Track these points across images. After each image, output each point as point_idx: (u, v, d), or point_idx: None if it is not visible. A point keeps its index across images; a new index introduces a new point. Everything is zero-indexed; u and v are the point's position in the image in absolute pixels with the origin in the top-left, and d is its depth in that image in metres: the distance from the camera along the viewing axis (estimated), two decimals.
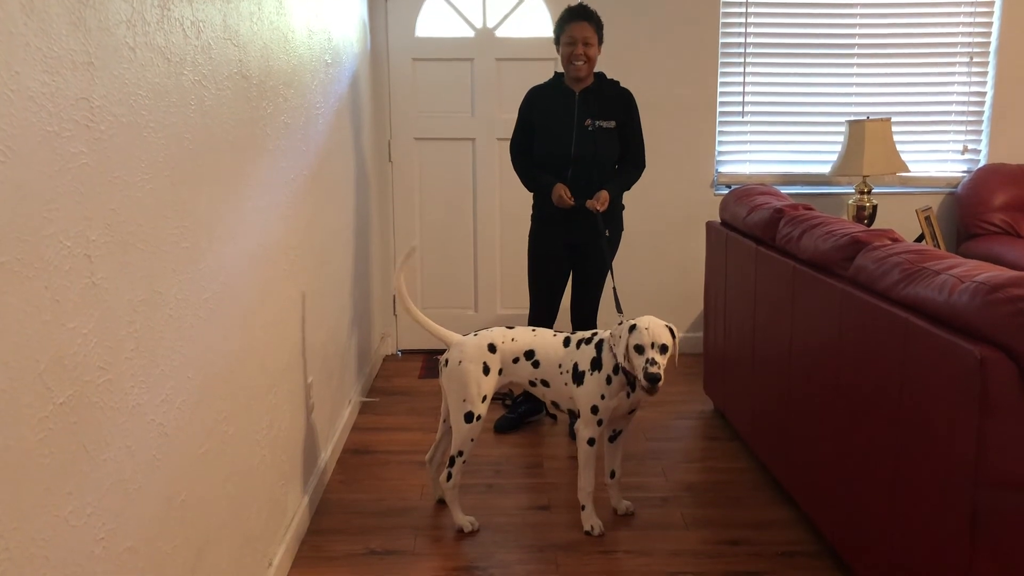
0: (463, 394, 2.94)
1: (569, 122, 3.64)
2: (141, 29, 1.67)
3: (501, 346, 2.99)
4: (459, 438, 2.96)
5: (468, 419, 2.93)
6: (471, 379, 2.94)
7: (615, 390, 2.89)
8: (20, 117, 1.27)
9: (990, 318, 1.96)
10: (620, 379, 2.87)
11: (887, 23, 4.99)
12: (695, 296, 4.94)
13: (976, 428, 1.93)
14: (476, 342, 2.99)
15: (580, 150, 3.62)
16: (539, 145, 3.69)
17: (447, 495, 3.00)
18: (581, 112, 3.63)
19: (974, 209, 4.89)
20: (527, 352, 3.01)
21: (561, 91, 3.69)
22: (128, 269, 1.62)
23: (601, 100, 3.66)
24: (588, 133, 3.62)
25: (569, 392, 2.97)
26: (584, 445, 2.94)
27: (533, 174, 3.74)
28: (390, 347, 5.17)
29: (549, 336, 3.06)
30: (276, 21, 2.70)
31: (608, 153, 3.68)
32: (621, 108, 3.69)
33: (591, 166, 3.64)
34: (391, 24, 4.86)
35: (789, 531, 2.98)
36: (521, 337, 3.04)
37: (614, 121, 3.66)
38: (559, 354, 2.99)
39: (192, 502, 1.96)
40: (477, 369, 2.94)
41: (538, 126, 3.70)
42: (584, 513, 2.98)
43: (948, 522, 2.05)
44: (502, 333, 3.04)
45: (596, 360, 2.91)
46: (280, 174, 2.73)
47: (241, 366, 2.32)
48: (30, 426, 1.30)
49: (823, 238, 2.83)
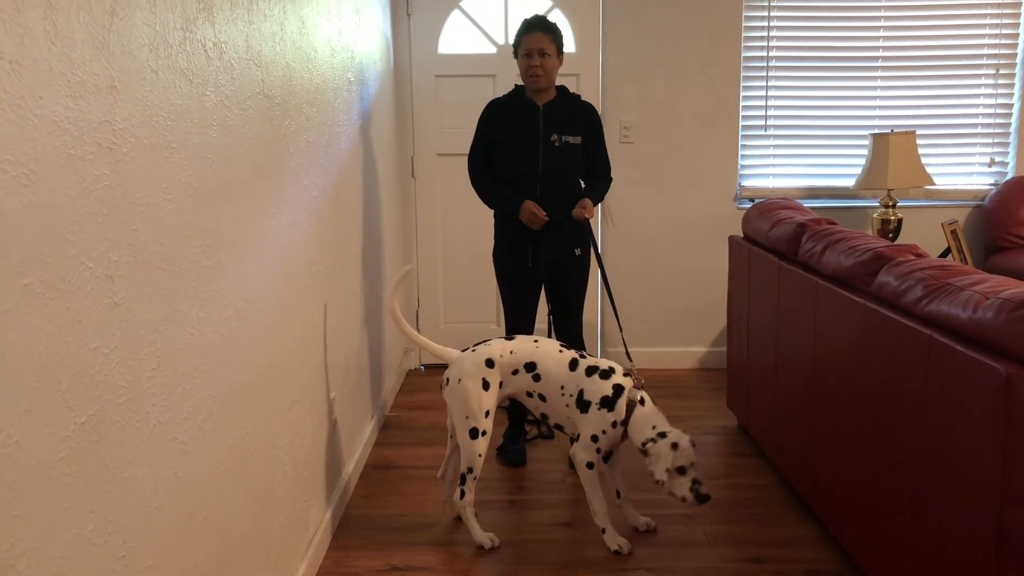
0: (465, 411, 2.95)
1: (535, 138, 3.50)
2: (164, 52, 1.70)
3: (499, 360, 2.99)
4: (467, 455, 2.97)
5: (473, 435, 2.94)
6: (471, 396, 2.94)
7: (616, 433, 2.92)
8: (44, 141, 1.29)
9: (1016, 335, 1.94)
10: (619, 432, 2.92)
11: (911, 35, 4.96)
12: (718, 311, 4.92)
13: (1002, 445, 1.91)
14: (473, 358, 2.98)
15: (547, 166, 3.49)
16: (504, 162, 3.55)
17: (462, 513, 3.00)
18: (547, 127, 3.51)
19: (1001, 222, 4.84)
20: (528, 364, 3.00)
21: (524, 104, 3.55)
22: (150, 288, 1.64)
23: (565, 115, 3.54)
24: (555, 149, 3.50)
25: (568, 413, 2.97)
26: (584, 469, 2.94)
27: (496, 192, 3.58)
28: (413, 362, 5.18)
29: (554, 351, 3.03)
30: (298, 41, 2.73)
31: (575, 169, 3.56)
32: (585, 123, 3.57)
33: (559, 183, 3.51)
34: (414, 41, 4.90)
35: (813, 549, 2.95)
36: (521, 349, 3.03)
37: (580, 136, 3.54)
38: (563, 375, 2.97)
39: (213, 519, 1.97)
40: (476, 386, 2.95)
41: (501, 142, 3.55)
42: (606, 536, 2.94)
43: (974, 540, 2.02)
44: (500, 346, 3.03)
45: (608, 400, 2.90)
46: (302, 192, 2.76)
47: (263, 383, 2.34)
48: (52, 445, 1.32)
49: (846, 253, 2.81)
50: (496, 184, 3.59)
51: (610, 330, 5.13)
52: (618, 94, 4.93)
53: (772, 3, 4.92)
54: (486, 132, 3.61)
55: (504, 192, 3.55)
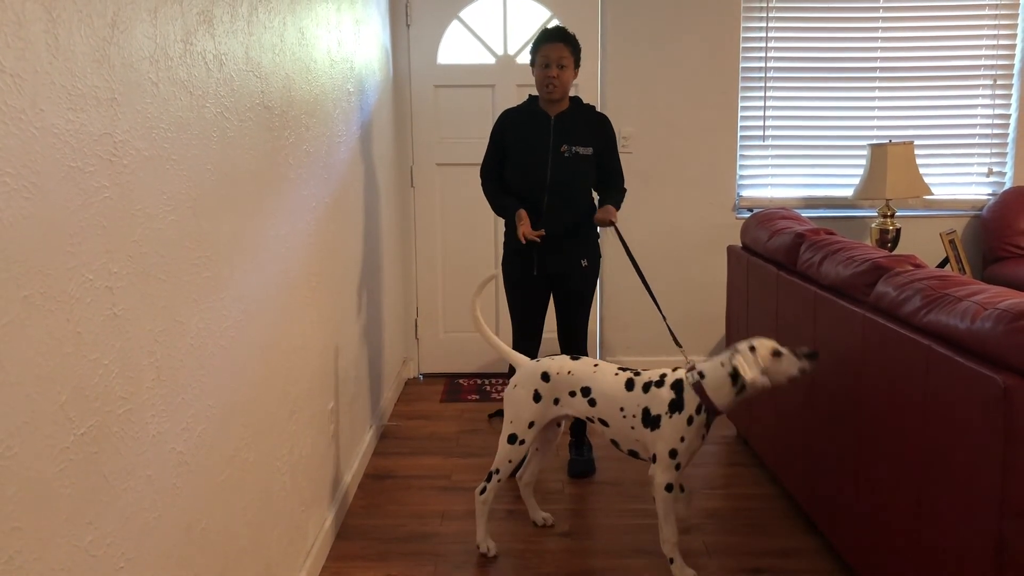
0: (512, 416, 3.00)
1: (544, 148, 3.50)
2: (164, 64, 1.70)
3: (555, 376, 2.95)
4: (499, 457, 3.01)
5: (511, 440, 2.98)
6: (521, 403, 2.98)
7: (695, 431, 2.77)
8: (45, 154, 1.29)
9: (1014, 346, 1.94)
10: (701, 419, 2.77)
11: (909, 46, 4.98)
12: (717, 320, 4.93)
13: (1001, 456, 1.91)
14: (533, 368, 3.01)
15: (556, 177, 3.49)
16: (513, 171, 3.55)
17: (477, 508, 3.01)
18: (557, 137, 3.50)
19: (1000, 232, 4.85)
20: (584, 388, 2.93)
21: (536, 115, 3.55)
22: (149, 300, 1.65)
23: (577, 125, 3.53)
24: (564, 159, 3.49)
25: (636, 436, 2.85)
26: (662, 492, 2.79)
27: (500, 200, 3.57)
28: (412, 371, 5.18)
29: (610, 375, 2.92)
30: (298, 52, 2.74)
31: (584, 180, 3.55)
32: (599, 134, 3.55)
33: (567, 193, 3.51)
34: (413, 51, 4.91)
35: (813, 560, 2.95)
36: (580, 371, 2.95)
37: (591, 147, 3.52)
38: (620, 396, 2.86)
39: (212, 530, 1.97)
40: (528, 395, 2.98)
41: (511, 151, 3.56)
42: (674, 566, 2.81)
43: (973, 552, 2.02)
44: (561, 363, 2.98)
45: (676, 402, 2.77)
46: (302, 202, 2.76)
47: (262, 393, 2.34)
48: (51, 457, 1.32)
49: (844, 263, 2.81)
50: (500, 192, 3.59)
51: (609, 339, 5.13)
52: (617, 105, 4.95)
53: (770, 14, 4.94)
54: (498, 141, 3.62)
55: (506, 200, 3.55)
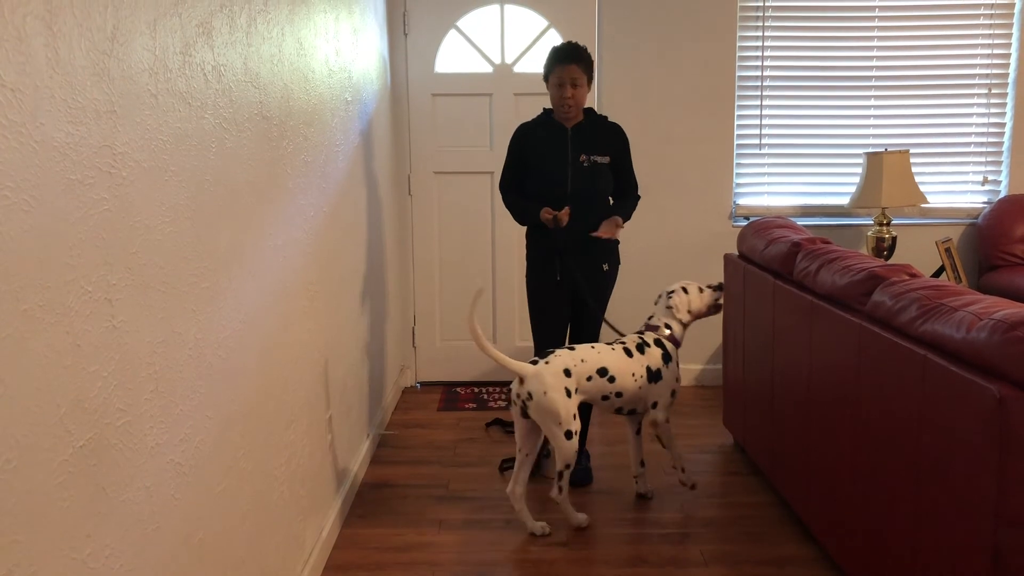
0: (557, 419, 3.16)
1: (563, 158, 3.59)
2: (163, 76, 1.71)
3: (575, 369, 3.22)
4: (564, 454, 3.19)
5: (568, 436, 3.17)
6: (560, 405, 3.15)
7: (677, 364, 3.42)
8: (44, 167, 1.30)
9: (1009, 356, 1.95)
10: (677, 357, 3.44)
11: (904, 55, 5.00)
12: (714, 328, 4.93)
13: (996, 466, 1.92)
14: (553, 371, 3.18)
15: (576, 186, 3.58)
16: (534, 183, 3.64)
17: (561, 504, 3.27)
18: (575, 148, 3.60)
19: (995, 240, 4.86)
20: (600, 370, 3.26)
21: (552, 127, 3.65)
22: (148, 311, 1.65)
23: (594, 135, 3.63)
24: (583, 168, 3.59)
25: (642, 394, 3.35)
26: (666, 425, 3.42)
27: (521, 205, 3.67)
28: (409, 380, 5.18)
29: (611, 352, 3.32)
30: (296, 62, 2.75)
31: (603, 188, 3.64)
32: (614, 143, 3.66)
33: (588, 202, 3.59)
34: (411, 60, 4.92)
35: (810, 568, 2.95)
36: (589, 357, 3.27)
37: (608, 156, 3.62)
38: (627, 365, 3.31)
39: (210, 540, 1.97)
40: (562, 395, 3.17)
41: (532, 163, 3.65)
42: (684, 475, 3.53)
43: (970, 561, 2.02)
44: (570, 356, 3.25)
45: (666, 355, 3.39)
46: (300, 211, 2.77)
47: (260, 403, 2.34)
48: (50, 469, 1.32)
49: (840, 273, 2.82)
50: (521, 199, 3.69)
51: None
52: (614, 114, 4.92)
53: (766, 23, 4.96)
54: (517, 156, 3.71)
55: (528, 205, 3.65)
